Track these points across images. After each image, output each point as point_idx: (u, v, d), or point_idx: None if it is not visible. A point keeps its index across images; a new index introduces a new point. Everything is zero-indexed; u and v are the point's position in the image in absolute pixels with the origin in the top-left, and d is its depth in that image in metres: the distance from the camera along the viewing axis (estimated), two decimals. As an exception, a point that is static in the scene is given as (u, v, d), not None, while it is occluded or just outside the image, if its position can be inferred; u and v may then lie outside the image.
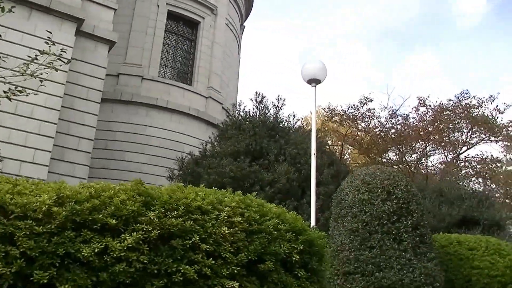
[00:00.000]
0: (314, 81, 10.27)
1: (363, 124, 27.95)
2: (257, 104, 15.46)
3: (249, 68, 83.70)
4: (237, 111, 16.15)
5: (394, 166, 27.41)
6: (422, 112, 26.89)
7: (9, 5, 8.18)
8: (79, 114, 13.37)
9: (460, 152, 28.45)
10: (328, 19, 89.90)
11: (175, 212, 4.05)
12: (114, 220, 3.76)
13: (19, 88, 7.59)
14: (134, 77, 18.86)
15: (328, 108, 28.84)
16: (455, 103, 26.33)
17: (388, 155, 29.15)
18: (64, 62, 8.46)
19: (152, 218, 3.90)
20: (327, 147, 20.64)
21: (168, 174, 15.16)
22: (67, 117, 13.07)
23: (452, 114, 26.53)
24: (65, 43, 12.95)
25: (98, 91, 13.84)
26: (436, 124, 26.56)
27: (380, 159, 27.79)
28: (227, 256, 4.16)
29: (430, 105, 26.59)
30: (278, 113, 15.32)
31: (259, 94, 15.58)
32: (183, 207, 4.13)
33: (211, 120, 19.91)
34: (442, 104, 26.35)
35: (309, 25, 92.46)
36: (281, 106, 15.44)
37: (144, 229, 3.81)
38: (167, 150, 18.29)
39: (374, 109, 27.44)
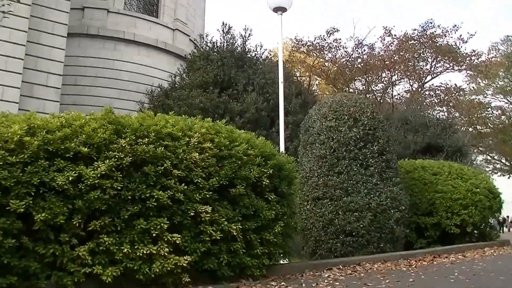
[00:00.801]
0: (280, 9, 10.15)
1: (330, 55, 27.84)
2: (224, 34, 15.28)
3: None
4: (204, 42, 15.95)
5: (361, 96, 27.70)
6: (388, 42, 26.86)
7: None
8: (46, 49, 13.07)
9: (425, 81, 28.82)
10: None
11: (146, 139, 4.13)
12: (86, 148, 3.82)
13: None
14: (99, 10, 18.26)
15: (295, 39, 28.62)
16: (419, 33, 26.39)
17: (355, 84, 29.34)
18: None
19: (123, 145, 3.98)
20: (295, 77, 20.65)
21: (139, 107, 15.10)
22: (34, 53, 12.77)
23: (417, 44, 26.62)
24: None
25: (64, 24, 13.49)
26: (401, 53, 26.67)
27: (347, 89, 27.97)
28: (199, 181, 4.30)
29: (395, 35, 26.61)
30: (245, 44, 15.19)
31: (226, 24, 15.40)
32: (153, 134, 4.20)
33: (179, 53, 19.59)
34: (407, 34, 26.36)
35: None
36: (248, 36, 15.30)
37: (117, 156, 3.90)
38: (136, 83, 18.05)
39: (340, 39, 27.30)
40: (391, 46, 26.80)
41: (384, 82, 28.48)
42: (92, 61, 17.77)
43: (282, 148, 9.78)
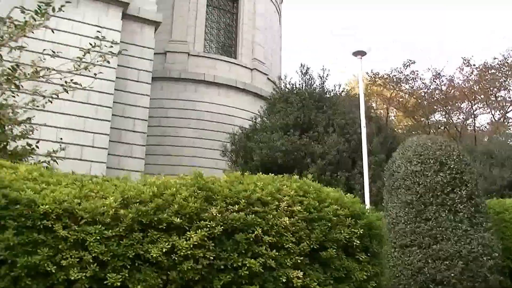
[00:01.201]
0: (359, 53, 10.17)
1: (407, 86, 27.51)
2: (302, 75, 15.44)
3: (289, 37, 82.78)
4: (283, 84, 16.14)
5: (441, 128, 26.86)
6: (467, 72, 26.20)
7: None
8: (132, 96, 13.67)
9: (508, 110, 27.63)
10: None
11: (237, 206, 4.10)
12: (178, 219, 3.84)
13: (75, 80, 7.77)
14: (180, 54, 19.04)
15: (372, 72, 28.41)
16: (500, 61, 25.47)
17: (434, 116, 28.62)
18: (115, 55, 8.57)
19: (214, 214, 3.97)
20: (373, 110, 20.46)
21: (222, 150, 15.36)
22: (121, 100, 13.39)
23: (498, 73, 25.68)
24: (113, 28, 13.26)
25: (148, 72, 14.07)
26: (482, 83, 25.82)
27: (426, 121, 27.31)
28: (290, 246, 4.21)
29: (474, 65, 25.86)
30: (323, 84, 15.25)
31: (304, 65, 15.55)
32: (244, 200, 4.17)
33: (258, 92, 19.94)
34: (487, 64, 25.55)
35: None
36: (326, 76, 15.37)
37: (208, 225, 3.89)
38: (217, 123, 18.51)
39: (417, 71, 26.94)
40: (471, 76, 26.01)
41: (464, 113, 27.56)
42: (175, 103, 18.37)
43: (367, 192, 9.57)
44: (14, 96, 7.48)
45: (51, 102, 7.83)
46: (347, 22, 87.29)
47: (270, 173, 4.87)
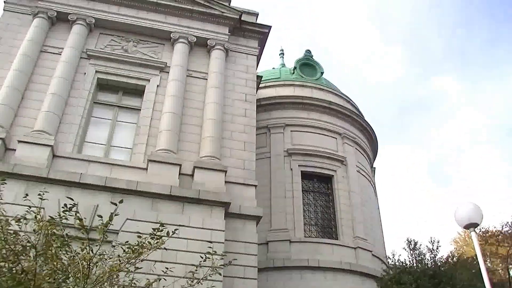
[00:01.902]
0: (471, 226, 9.67)
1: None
2: (411, 251, 15.06)
3: (385, 206, 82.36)
4: (392, 262, 15.73)
5: None
6: None
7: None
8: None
9: None
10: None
11: None
12: None
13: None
14: (282, 242, 19.34)
15: (480, 230, 27.08)
16: None
17: None
18: (225, 266, 8.99)
19: None
20: (490, 271, 19.16)
21: None
22: None
23: None
24: (217, 228, 13.93)
25: (254, 267, 14.28)
26: None
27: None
28: None
29: None
30: (435, 257, 14.71)
31: (411, 241, 15.23)
32: None
33: (364, 271, 19.46)
34: None
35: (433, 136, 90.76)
36: (437, 249, 14.86)
37: None
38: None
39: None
40: None
41: None
42: (281, 294, 18.19)
43: None
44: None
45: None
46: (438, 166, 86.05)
47: None
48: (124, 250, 8.59)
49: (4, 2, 18.74)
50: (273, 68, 31.48)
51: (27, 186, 13.44)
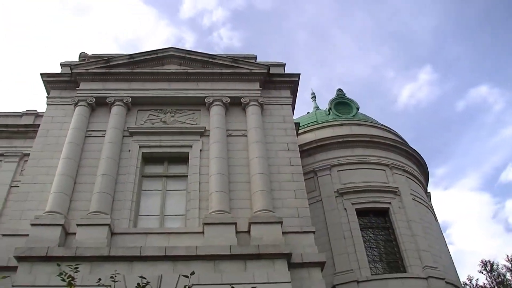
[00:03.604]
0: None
1: None
2: (489, 274, 14.57)
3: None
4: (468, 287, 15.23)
5: None
6: None
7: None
8: None
9: None
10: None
11: None
12: None
13: None
14: (350, 284, 18.93)
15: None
16: None
17: None
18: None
19: None
20: None
21: None
22: None
23: None
24: (283, 280, 13.78)
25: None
26: None
27: None
28: None
29: None
30: (512, 275, 14.21)
31: (487, 262, 14.72)
32: None
33: (441, 300, 18.85)
34: None
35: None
36: (513, 268, 14.34)
37: None
38: None
39: None
40: None
41: None
42: None
43: None
44: None
45: None
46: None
47: None
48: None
49: (47, 97, 19.79)
50: (308, 112, 31.75)
51: (91, 266, 13.82)
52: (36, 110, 23.98)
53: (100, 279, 9.59)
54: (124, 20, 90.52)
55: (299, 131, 23.69)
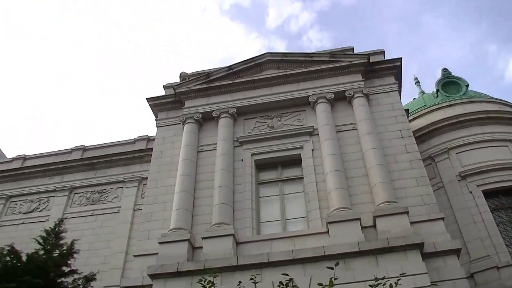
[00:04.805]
0: None
1: None
2: None
3: None
4: None
5: None
6: None
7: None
8: None
9: None
10: None
11: None
12: None
13: None
14: (488, 271, 17.66)
15: None
16: None
17: None
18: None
19: None
20: None
21: None
22: None
23: None
24: (418, 272, 13.10)
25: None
26: None
27: None
28: None
29: None
30: None
31: None
32: None
33: None
34: None
35: None
36: None
37: None
38: None
39: None
40: None
41: None
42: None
43: None
44: None
45: None
46: None
47: None
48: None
49: (156, 120, 20.53)
50: (414, 98, 30.48)
51: (221, 277, 13.87)
52: (147, 135, 24.99)
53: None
54: (216, 40, 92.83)
55: (409, 119, 22.74)
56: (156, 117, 20.94)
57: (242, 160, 17.83)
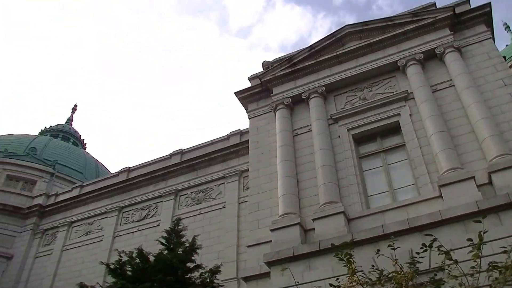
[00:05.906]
0: None
1: None
2: None
3: None
4: None
5: None
6: None
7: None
8: None
9: None
10: None
11: None
12: None
13: None
14: None
15: None
16: None
17: None
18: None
19: None
20: None
21: None
22: None
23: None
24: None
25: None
26: None
27: None
28: None
29: None
30: None
31: None
32: None
33: None
34: None
35: None
36: None
37: None
38: None
39: None
40: None
41: None
42: None
43: None
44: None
45: None
46: None
47: None
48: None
49: (247, 112, 20.71)
50: (507, 45, 28.76)
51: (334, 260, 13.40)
52: (239, 129, 25.34)
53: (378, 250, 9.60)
54: (286, 26, 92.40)
55: (507, 66, 21.36)
56: (246, 109, 21.11)
57: (339, 136, 17.56)
